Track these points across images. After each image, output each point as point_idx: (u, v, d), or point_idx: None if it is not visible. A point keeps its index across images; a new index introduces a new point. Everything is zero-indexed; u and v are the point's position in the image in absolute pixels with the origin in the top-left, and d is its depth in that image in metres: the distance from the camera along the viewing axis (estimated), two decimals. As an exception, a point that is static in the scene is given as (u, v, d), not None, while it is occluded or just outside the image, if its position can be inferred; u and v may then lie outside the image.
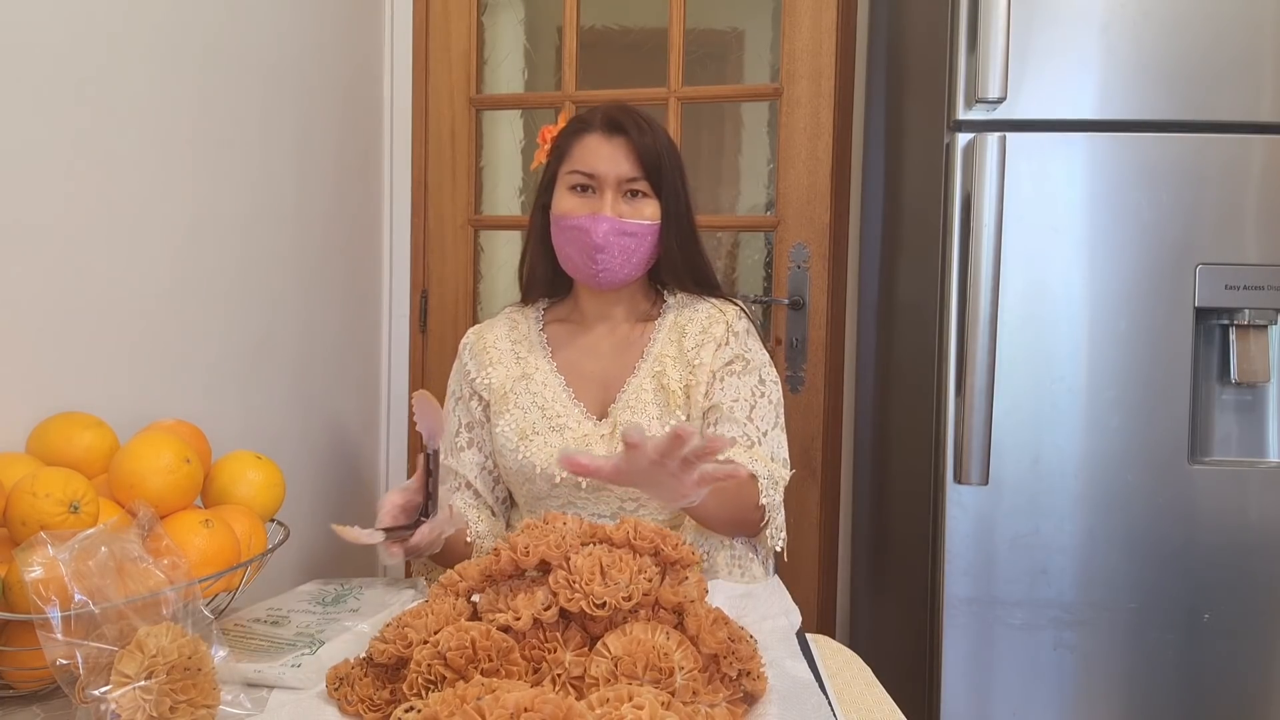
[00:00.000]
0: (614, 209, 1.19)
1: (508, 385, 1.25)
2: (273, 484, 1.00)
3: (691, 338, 1.24)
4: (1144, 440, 1.30)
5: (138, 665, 0.66)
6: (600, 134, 1.21)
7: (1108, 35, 1.29)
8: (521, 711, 0.43)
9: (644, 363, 1.24)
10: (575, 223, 1.19)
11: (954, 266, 1.31)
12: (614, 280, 1.22)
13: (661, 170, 1.20)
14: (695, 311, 1.27)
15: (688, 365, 1.21)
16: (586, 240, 1.18)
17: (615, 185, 1.19)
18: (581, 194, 1.21)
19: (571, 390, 1.24)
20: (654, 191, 1.21)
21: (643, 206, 1.21)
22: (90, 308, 1.05)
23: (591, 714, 0.44)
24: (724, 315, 1.26)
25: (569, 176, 1.21)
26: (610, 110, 1.22)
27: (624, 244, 1.19)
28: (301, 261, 1.52)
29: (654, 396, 1.20)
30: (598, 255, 1.18)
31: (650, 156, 1.20)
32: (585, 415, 1.22)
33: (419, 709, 0.53)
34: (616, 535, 0.79)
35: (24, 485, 0.77)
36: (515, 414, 1.23)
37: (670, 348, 1.24)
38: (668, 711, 0.50)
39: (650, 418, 1.19)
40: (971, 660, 1.34)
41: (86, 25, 1.03)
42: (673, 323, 1.27)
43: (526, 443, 1.20)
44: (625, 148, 1.19)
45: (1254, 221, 1.29)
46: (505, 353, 1.29)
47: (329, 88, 1.62)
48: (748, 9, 2.00)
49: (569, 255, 1.23)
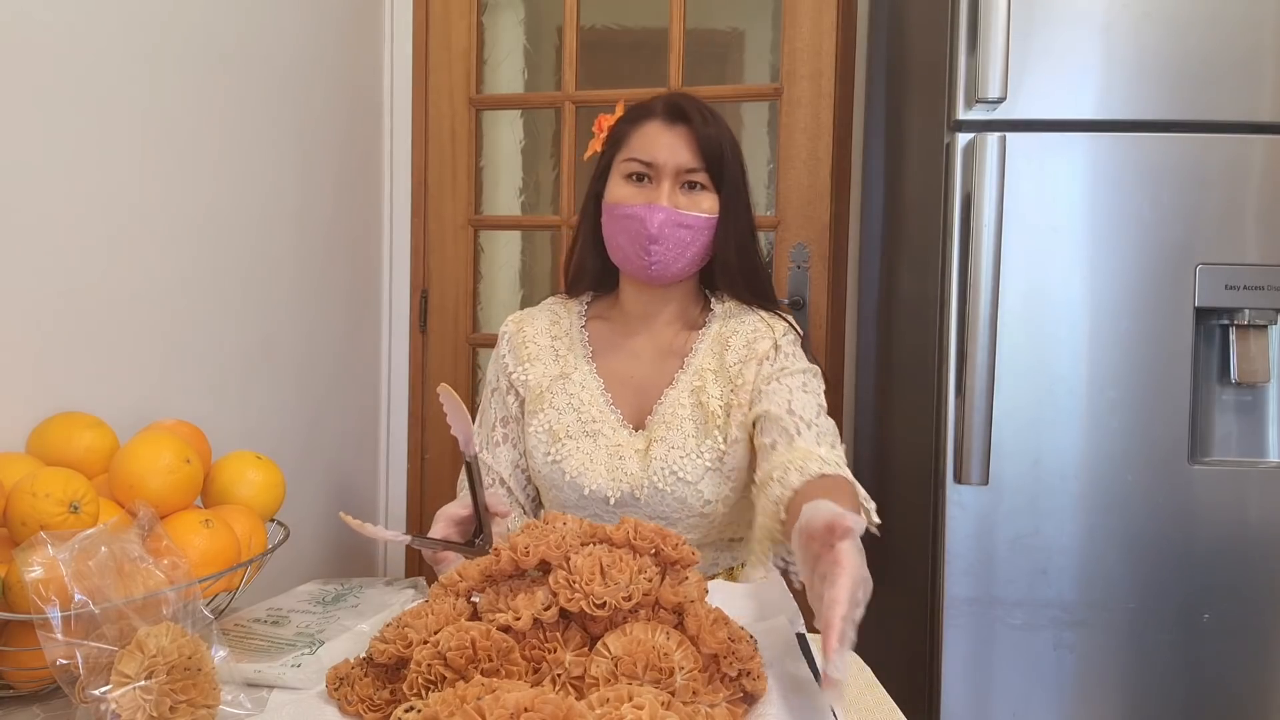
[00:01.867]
0: (670, 199, 1.14)
1: (544, 384, 1.21)
2: (273, 484, 1.00)
3: (735, 351, 1.18)
4: (1144, 440, 1.30)
5: (138, 665, 0.66)
6: (661, 121, 1.16)
7: (1108, 35, 1.29)
8: (521, 711, 0.42)
9: (684, 374, 1.19)
10: (629, 211, 1.14)
11: (954, 266, 1.31)
12: (665, 275, 1.16)
13: (723, 162, 1.15)
14: (741, 323, 1.21)
15: (729, 382, 1.16)
16: (640, 230, 1.13)
17: (673, 175, 1.14)
18: (638, 183, 1.15)
19: (610, 395, 1.20)
20: (713, 185, 1.16)
21: (701, 199, 1.16)
22: (90, 308, 1.05)
23: (591, 714, 0.44)
24: (771, 331, 1.19)
25: (625, 164, 1.16)
26: (673, 97, 1.17)
27: (679, 236, 1.14)
28: (302, 261, 1.52)
29: (691, 413, 1.15)
30: (651, 246, 1.13)
31: (712, 147, 1.14)
32: (622, 423, 1.19)
33: (419, 709, 0.53)
34: (616, 535, 0.79)
35: (24, 485, 0.77)
36: (550, 414, 1.19)
37: (711, 360, 1.18)
38: (668, 711, 0.50)
39: (686, 434, 1.14)
40: (971, 660, 1.34)
41: (87, 26, 1.03)
42: (717, 333, 1.21)
43: (559, 446, 1.16)
44: (686, 136, 1.14)
45: (1254, 221, 1.29)
46: (544, 349, 1.24)
47: (329, 88, 1.62)
48: (748, 9, 2.00)
49: (620, 245, 1.17)
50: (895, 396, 1.63)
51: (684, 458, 1.13)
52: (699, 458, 1.13)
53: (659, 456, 1.13)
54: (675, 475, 1.12)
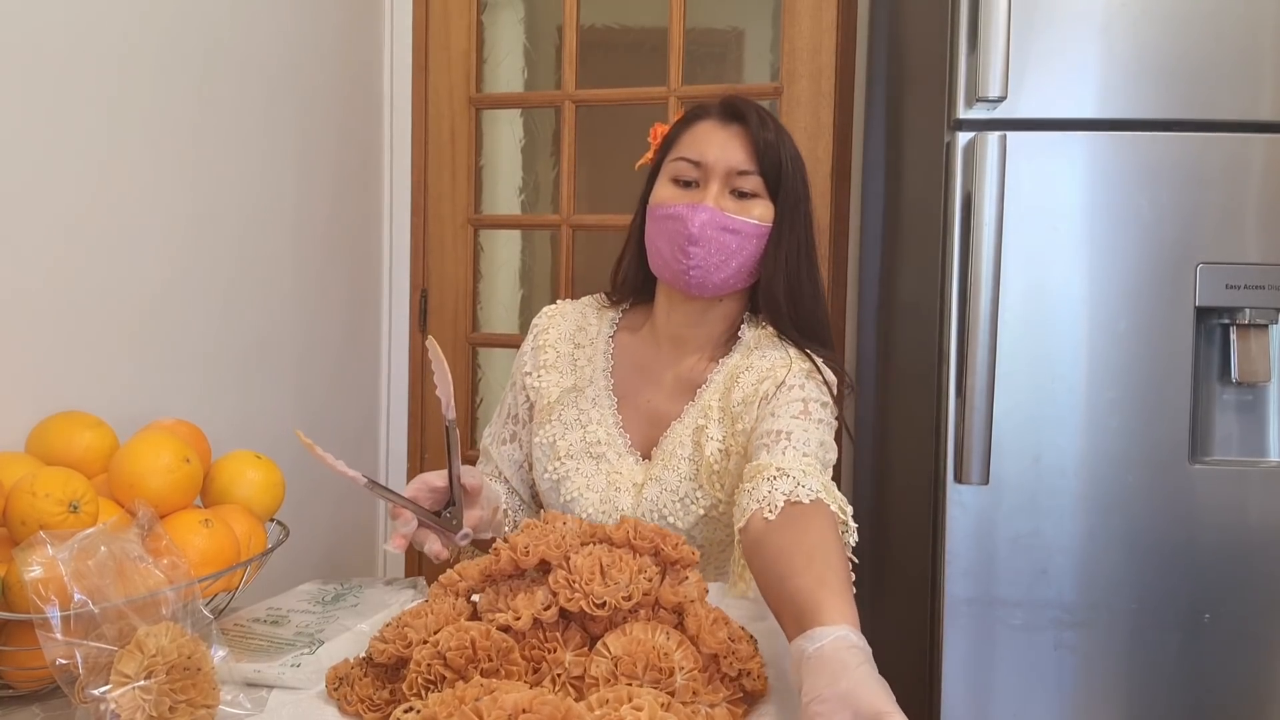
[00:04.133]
0: (717, 201, 1.05)
1: (555, 395, 1.16)
2: (272, 484, 1.00)
3: (741, 389, 1.07)
4: (1144, 440, 1.30)
5: (137, 665, 0.66)
6: (715, 120, 1.08)
7: (1108, 35, 1.29)
8: (520, 713, 0.42)
9: (693, 406, 1.10)
10: (670, 211, 1.05)
11: (954, 266, 1.31)
12: (705, 284, 1.06)
13: (780, 168, 1.06)
14: (762, 358, 1.09)
15: (731, 424, 1.06)
16: (680, 230, 1.04)
17: (724, 177, 1.05)
18: (684, 186, 1.07)
19: (621, 418, 1.13)
20: (769, 193, 1.07)
21: (751, 206, 1.06)
22: (90, 308, 1.05)
23: (590, 715, 0.44)
24: (788, 367, 1.06)
25: (673, 165, 1.08)
26: (731, 98, 1.10)
27: (722, 241, 1.04)
28: (301, 261, 1.52)
29: (690, 454, 1.08)
30: (690, 248, 1.03)
31: (769, 151, 1.05)
32: (629, 449, 1.12)
33: (418, 709, 0.53)
34: (616, 535, 0.79)
35: (24, 485, 0.77)
36: (556, 428, 1.13)
37: (718, 396, 1.09)
38: (667, 713, 0.50)
39: (682, 477, 1.07)
40: (971, 660, 1.34)
41: (87, 26, 1.03)
42: (734, 366, 1.10)
43: (559, 464, 1.12)
44: (741, 137, 1.06)
45: (1254, 221, 1.29)
46: (564, 356, 1.18)
47: (329, 87, 1.62)
48: (748, 8, 2.00)
49: (659, 249, 1.08)
50: (895, 396, 1.63)
51: (675, 503, 1.07)
52: (692, 505, 1.07)
53: (650, 498, 1.08)
54: (665, 519, 1.07)
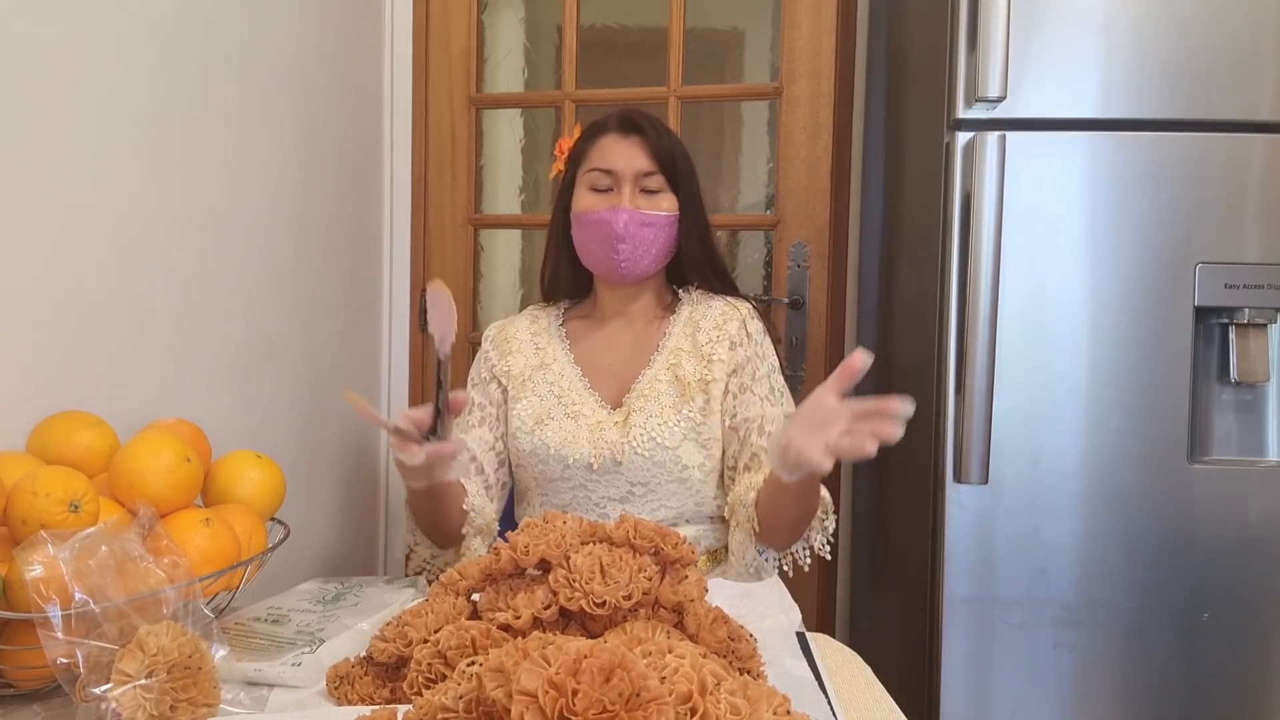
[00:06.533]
0: (632, 201, 1.24)
1: (526, 373, 1.30)
2: (273, 483, 1.00)
3: (706, 333, 1.27)
4: (1144, 440, 1.30)
5: (138, 664, 0.66)
6: (616, 134, 1.26)
7: (1108, 34, 1.29)
8: (583, 658, 0.48)
9: (659, 355, 1.28)
10: (596, 216, 1.24)
11: (954, 266, 1.31)
12: (635, 271, 1.26)
13: (677, 165, 1.25)
14: (709, 308, 1.31)
15: (703, 359, 1.25)
16: (608, 231, 1.23)
17: (633, 180, 1.24)
18: (601, 193, 1.26)
19: (587, 380, 1.29)
20: (670, 187, 1.26)
21: (659, 200, 1.26)
22: (90, 308, 1.05)
23: (640, 662, 0.48)
24: (738, 312, 1.29)
25: (588, 176, 1.27)
26: (624, 112, 1.28)
27: (644, 234, 1.24)
28: (302, 261, 1.52)
29: (669, 386, 1.25)
30: (619, 245, 1.23)
31: (665, 153, 1.25)
32: (600, 404, 1.27)
33: (481, 661, 0.54)
34: (616, 534, 0.79)
35: (24, 484, 0.77)
36: (532, 400, 1.28)
37: (685, 341, 1.28)
38: (705, 659, 0.55)
39: (664, 405, 1.23)
40: (971, 660, 1.34)
41: (86, 25, 1.03)
42: (687, 318, 1.31)
43: (542, 427, 1.25)
44: (641, 145, 1.25)
45: (1254, 221, 1.29)
46: (525, 343, 1.34)
47: (329, 87, 1.62)
48: (748, 8, 2.00)
49: (591, 250, 1.27)
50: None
51: (662, 425, 1.21)
52: (676, 425, 1.22)
53: (638, 424, 1.22)
54: (654, 440, 1.20)
